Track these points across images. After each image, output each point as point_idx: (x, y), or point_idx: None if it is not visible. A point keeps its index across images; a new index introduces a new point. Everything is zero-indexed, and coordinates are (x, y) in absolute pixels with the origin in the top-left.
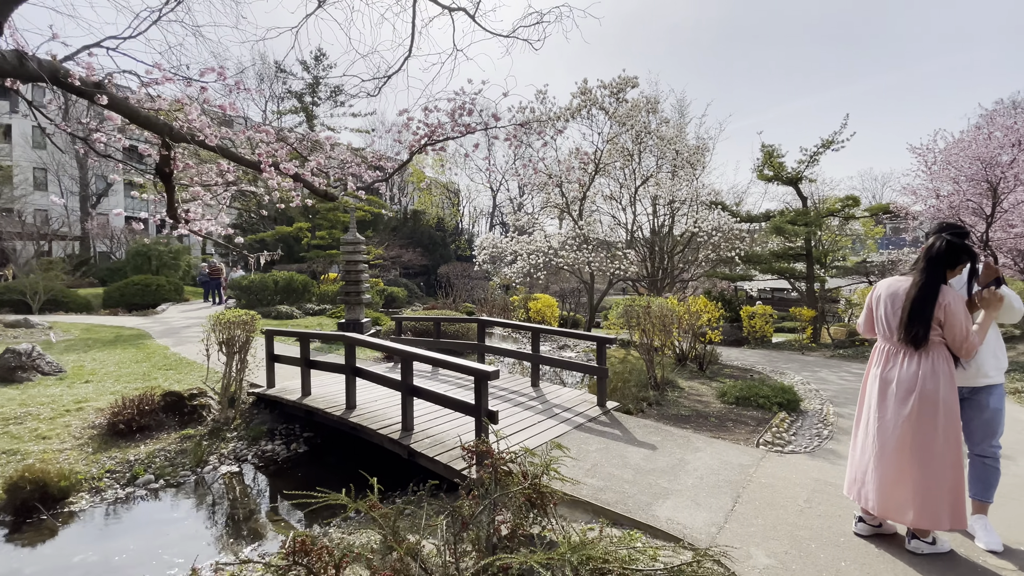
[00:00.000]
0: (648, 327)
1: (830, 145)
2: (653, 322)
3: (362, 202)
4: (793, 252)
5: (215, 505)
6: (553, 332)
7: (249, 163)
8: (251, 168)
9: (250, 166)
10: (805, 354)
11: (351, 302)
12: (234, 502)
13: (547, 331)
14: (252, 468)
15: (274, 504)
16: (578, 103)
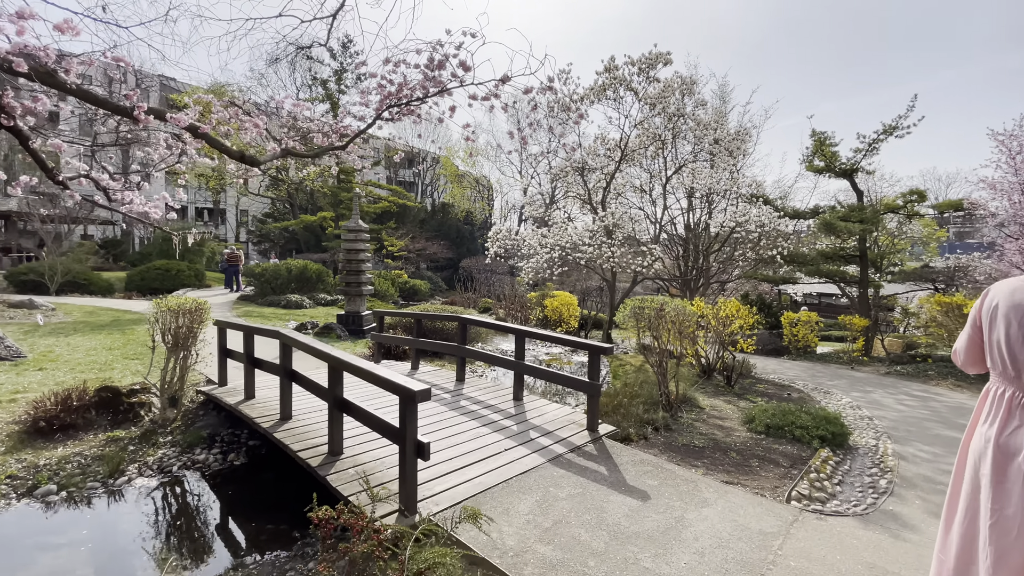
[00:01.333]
0: (661, 333)
1: (893, 131)
2: (668, 327)
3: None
4: (845, 253)
5: (108, 531)
6: (538, 335)
7: (117, 108)
8: (121, 114)
9: (119, 111)
10: (855, 369)
11: (351, 293)
12: (130, 530)
13: (532, 334)
14: (175, 481)
15: (177, 533)
16: (603, 81)
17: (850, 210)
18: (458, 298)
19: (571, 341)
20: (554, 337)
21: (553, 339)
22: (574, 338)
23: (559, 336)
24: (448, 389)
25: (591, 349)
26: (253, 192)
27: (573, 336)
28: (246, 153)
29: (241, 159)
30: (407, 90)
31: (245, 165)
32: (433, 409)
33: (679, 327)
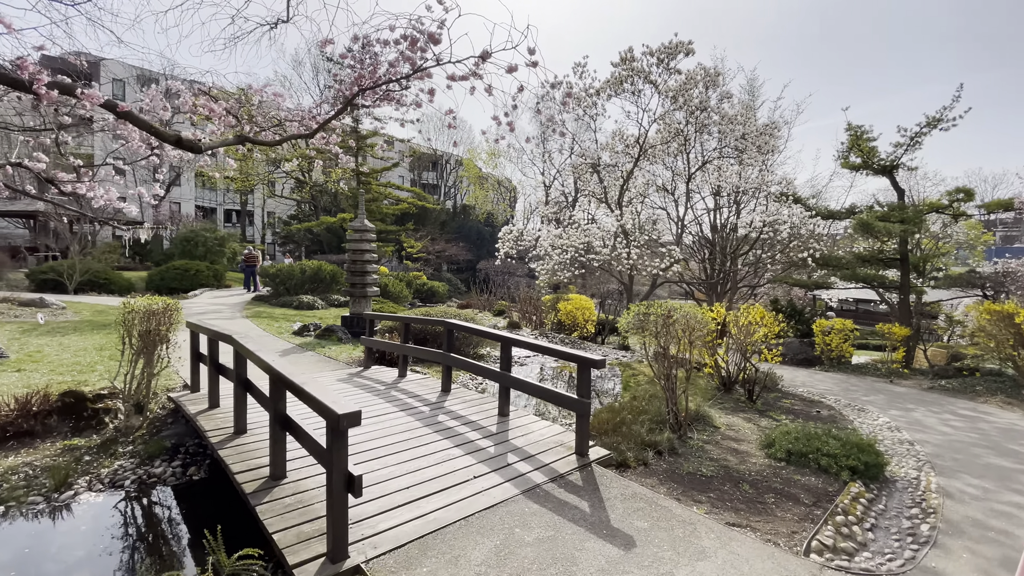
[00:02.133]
0: (668, 343)
1: (937, 123)
2: (678, 335)
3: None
4: (884, 256)
5: (35, 555)
6: (524, 344)
7: (11, 81)
8: (17, 88)
9: (14, 85)
10: (894, 383)
11: (356, 295)
12: (60, 555)
13: (520, 343)
14: (126, 498)
15: (111, 559)
16: (620, 73)
17: (890, 210)
18: (474, 300)
19: (557, 351)
20: (539, 347)
21: (538, 348)
22: (562, 348)
23: (545, 346)
24: (429, 401)
25: (580, 362)
26: (278, 195)
27: (589, 342)
28: (184, 138)
29: (178, 144)
30: (381, 71)
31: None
32: (405, 425)
33: (689, 336)
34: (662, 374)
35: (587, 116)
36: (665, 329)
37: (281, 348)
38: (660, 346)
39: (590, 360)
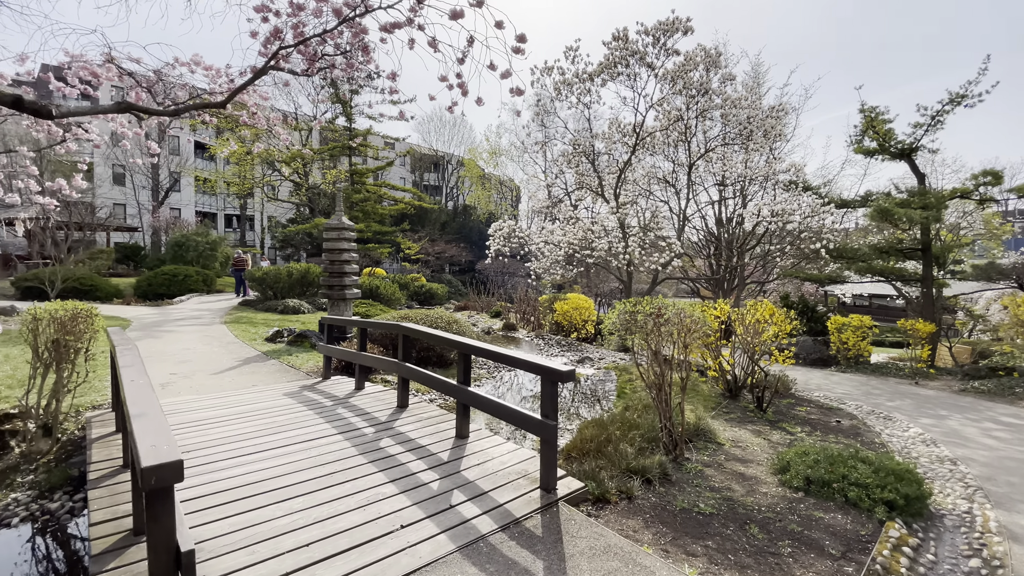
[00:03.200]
0: (660, 346)
1: (961, 100)
2: (672, 337)
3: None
4: (903, 247)
5: None
6: (482, 352)
7: None
8: None
9: None
10: (920, 384)
11: (334, 298)
12: None
13: (479, 350)
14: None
15: None
16: (613, 55)
17: (911, 195)
18: (472, 302)
19: (518, 361)
20: (497, 355)
21: (496, 357)
22: (524, 356)
23: (504, 354)
24: (377, 421)
25: (543, 374)
26: (277, 199)
27: (588, 344)
28: (27, 100)
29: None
30: (303, 21)
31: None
32: (334, 455)
33: (685, 338)
34: (653, 383)
35: (581, 104)
36: (656, 330)
37: (245, 356)
38: (652, 352)
39: (555, 373)
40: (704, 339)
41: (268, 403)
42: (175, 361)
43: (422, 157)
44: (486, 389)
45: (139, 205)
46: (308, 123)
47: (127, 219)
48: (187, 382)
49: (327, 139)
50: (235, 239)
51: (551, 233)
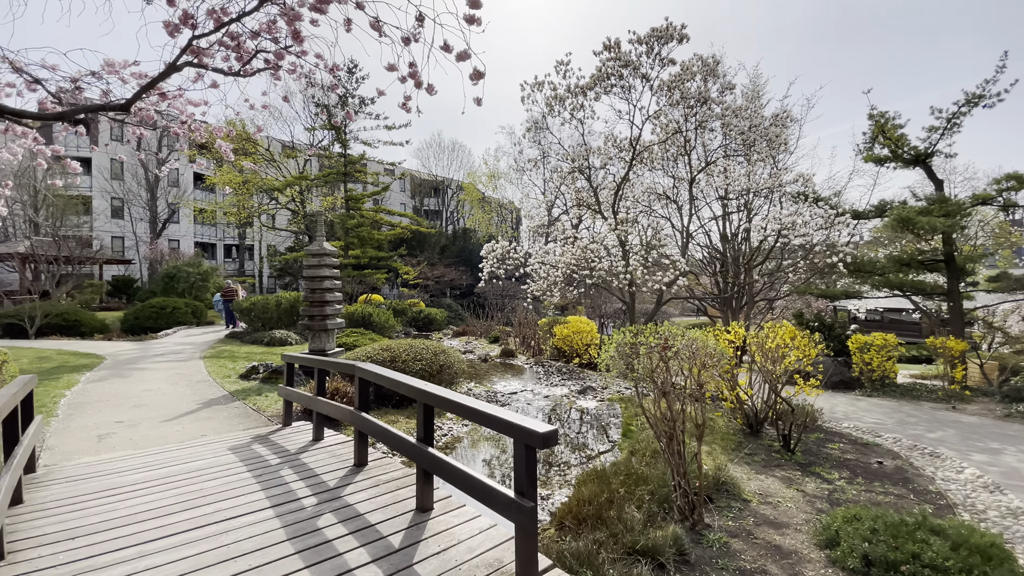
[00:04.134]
0: (667, 383)
1: (979, 100)
2: (686, 375)
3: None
4: (924, 259)
5: None
6: (450, 405)
7: None
8: None
9: None
10: (957, 409)
11: (315, 328)
12: None
13: (443, 401)
14: None
15: None
16: (605, 66)
17: (930, 203)
18: (470, 327)
19: (488, 418)
20: (464, 408)
21: (463, 411)
22: (497, 413)
23: (472, 407)
24: (326, 487)
25: (517, 436)
26: (276, 227)
27: (591, 370)
28: None
29: None
30: (224, 7)
31: None
32: (261, 540)
33: (699, 376)
34: (663, 432)
35: (574, 119)
36: (663, 365)
37: (209, 398)
38: (658, 390)
39: (531, 435)
40: (723, 369)
41: (205, 461)
42: (130, 406)
43: (422, 183)
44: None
45: (136, 237)
46: (305, 151)
47: (125, 252)
48: (130, 433)
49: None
50: (234, 269)
51: (547, 254)
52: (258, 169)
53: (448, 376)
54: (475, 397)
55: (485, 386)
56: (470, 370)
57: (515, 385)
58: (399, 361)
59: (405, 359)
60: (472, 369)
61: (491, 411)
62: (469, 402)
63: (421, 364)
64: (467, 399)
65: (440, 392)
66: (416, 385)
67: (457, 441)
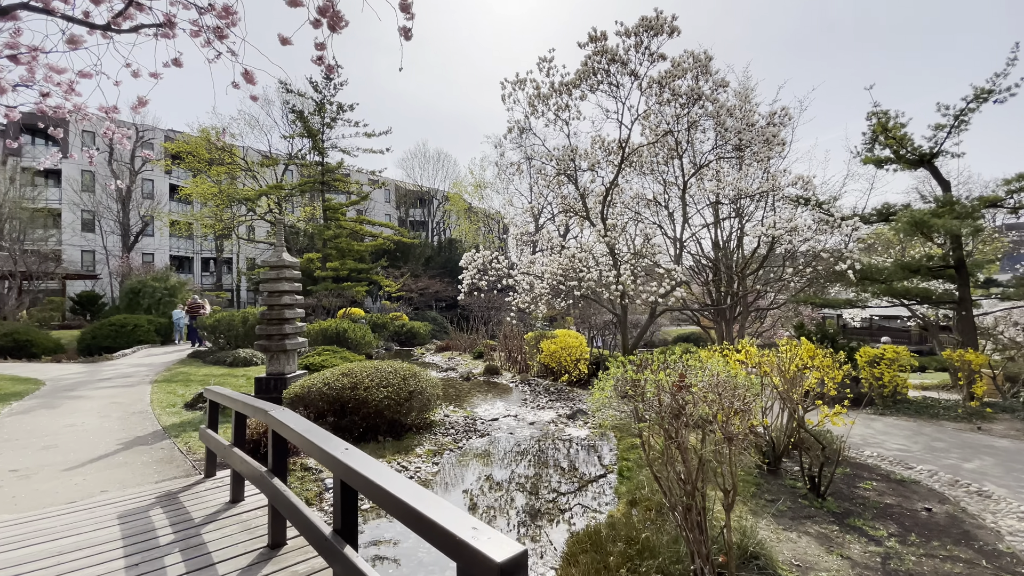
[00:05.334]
0: (683, 438)
1: (988, 95)
2: (711, 423)
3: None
4: (933, 264)
5: None
6: (373, 490)
7: None
8: None
9: None
10: (983, 430)
11: (272, 349)
12: None
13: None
14: None
15: None
16: (591, 61)
17: (939, 205)
18: (454, 341)
19: (422, 521)
20: (392, 499)
21: (392, 505)
22: (439, 516)
23: (403, 501)
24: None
25: (462, 562)
26: (250, 239)
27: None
28: None
29: None
30: None
31: None
32: None
33: (727, 426)
34: (678, 499)
35: (559, 120)
36: (679, 411)
37: (136, 435)
38: (673, 445)
39: (483, 565)
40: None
41: (79, 538)
42: (38, 448)
43: (407, 193)
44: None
45: (106, 251)
46: (282, 160)
47: (95, 266)
48: (18, 488)
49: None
50: (212, 283)
51: (532, 264)
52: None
53: (419, 404)
54: (452, 425)
55: (465, 410)
56: (450, 391)
57: (499, 408)
58: (361, 388)
59: (368, 385)
60: (452, 390)
61: (427, 510)
62: (397, 487)
63: (387, 391)
64: (396, 483)
65: (360, 465)
66: (331, 452)
67: (424, 485)
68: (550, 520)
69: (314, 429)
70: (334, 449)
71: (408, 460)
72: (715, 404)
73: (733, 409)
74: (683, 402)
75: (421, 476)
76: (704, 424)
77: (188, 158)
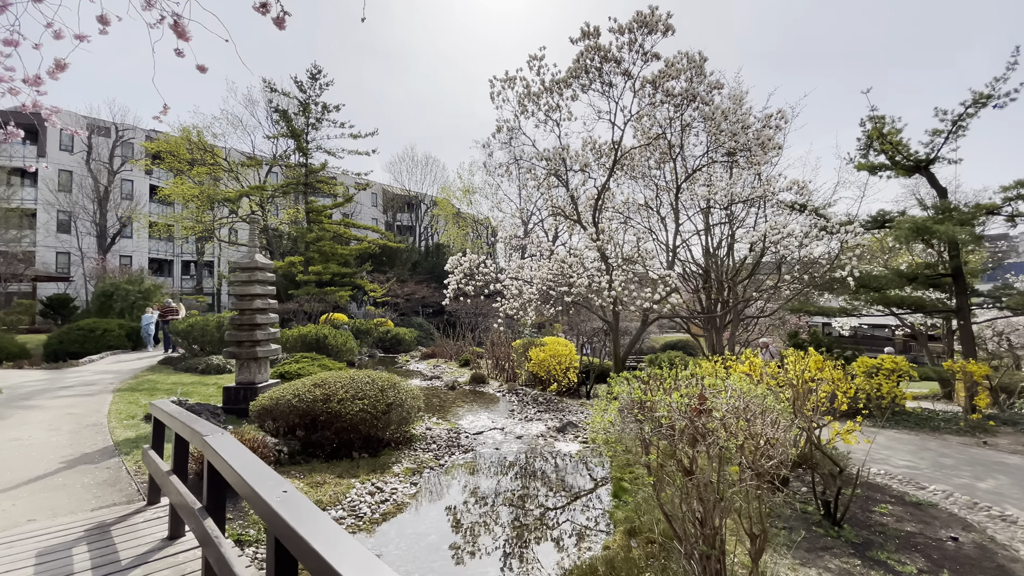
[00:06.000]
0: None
1: (987, 100)
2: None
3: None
4: (931, 272)
5: None
6: (300, 547)
7: None
8: None
9: None
10: (988, 444)
11: (242, 356)
12: None
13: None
14: None
15: None
16: (584, 57)
17: (938, 212)
18: (440, 348)
19: None
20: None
21: None
22: None
23: None
24: None
25: None
26: (233, 242)
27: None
28: None
29: None
30: None
31: None
32: None
33: (756, 459)
34: (694, 546)
35: (550, 120)
36: (699, 441)
37: (83, 452)
38: (691, 486)
39: None
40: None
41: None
42: None
43: (394, 197)
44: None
45: (81, 253)
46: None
47: (71, 268)
48: None
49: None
50: (192, 287)
51: (521, 269)
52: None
53: (399, 417)
54: (434, 439)
55: (449, 422)
56: (434, 401)
57: (484, 420)
58: (334, 400)
59: (342, 397)
60: (436, 400)
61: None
62: (345, 563)
63: (362, 404)
64: (344, 555)
65: (299, 521)
66: (264, 498)
67: (398, 510)
68: (540, 561)
69: (251, 465)
70: (268, 493)
71: (384, 480)
72: (742, 433)
73: (763, 437)
74: (704, 429)
75: (397, 498)
76: (725, 454)
77: (168, 158)
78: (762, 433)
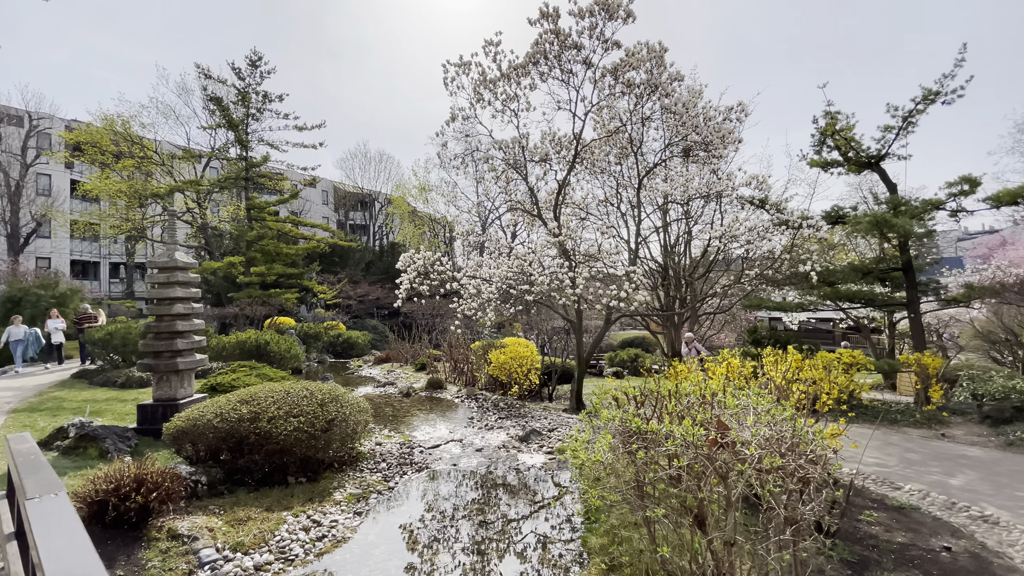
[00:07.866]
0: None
1: (936, 97)
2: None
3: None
4: (885, 267)
5: None
6: None
7: None
8: None
9: None
10: (947, 437)
11: (161, 370)
12: None
13: None
14: None
15: None
16: (543, 40)
17: (890, 206)
18: (395, 351)
19: None
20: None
21: None
22: None
23: None
24: None
25: None
26: (160, 242)
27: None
28: None
29: None
30: None
31: None
32: None
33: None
34: None
35: (508, 110)
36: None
37: None
38: (719, 542)
39: None
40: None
41: None
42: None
43: (347, 195)
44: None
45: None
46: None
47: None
48: None
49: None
50: (122, 291)
51: (479, 267)
52: (149, 176)
53: (342, 433)
54: (384, 456)
55: (402, 434)
56: (387, 410)
57: (441, 431)
58: (263, 419)
59: (273, 415)
60: (390, 408)
61: None
62: None
63: (298, 421)
64: None
65: None
66: None
67: (337, 546)
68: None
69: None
70: None
71: (323, 510)
72: (774, 473)
73: (801, 477)
74: (725, 468)
75: (338, 533)
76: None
77: (91, 150)
78: (797, 470)
